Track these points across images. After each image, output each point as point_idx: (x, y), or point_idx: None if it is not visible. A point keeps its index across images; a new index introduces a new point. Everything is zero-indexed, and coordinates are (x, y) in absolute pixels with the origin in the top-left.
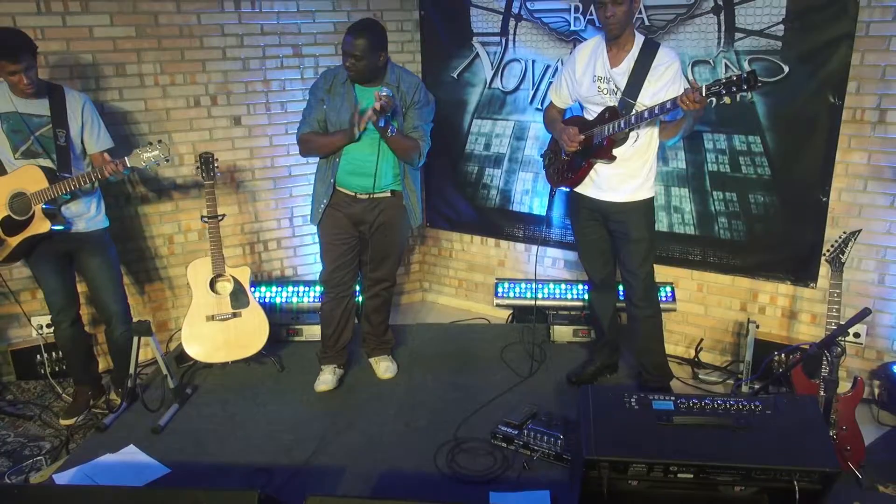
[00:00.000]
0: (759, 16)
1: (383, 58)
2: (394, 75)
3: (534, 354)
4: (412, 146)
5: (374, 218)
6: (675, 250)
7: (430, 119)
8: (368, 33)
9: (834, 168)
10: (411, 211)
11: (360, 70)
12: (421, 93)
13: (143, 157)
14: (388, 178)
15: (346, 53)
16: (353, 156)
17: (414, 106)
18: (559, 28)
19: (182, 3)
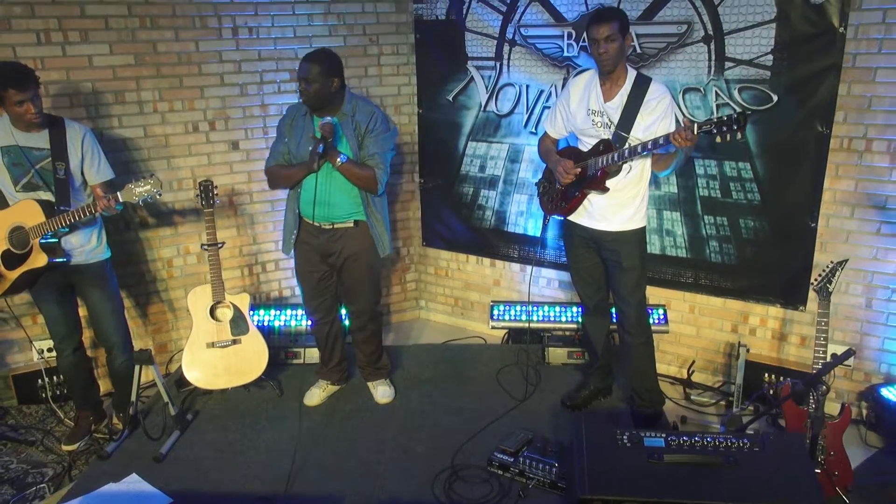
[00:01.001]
0: (748, 46)
1: (336, 84)
2: (350, 104)
3: (528, 377)
4: (367, 175)
5: (340, 249)
6: (667, 272)
7: (388, 147)
8: (320, 59)
9: (822, 195)
10: (378, 240)
11: (312, 95)
12: (377, 121)
13: (136, 191)
14: (349, 208)
15: (299, 78)
16: (311, 186)
17: (369, 134)
18: (553, 54)
19: (180, 31)
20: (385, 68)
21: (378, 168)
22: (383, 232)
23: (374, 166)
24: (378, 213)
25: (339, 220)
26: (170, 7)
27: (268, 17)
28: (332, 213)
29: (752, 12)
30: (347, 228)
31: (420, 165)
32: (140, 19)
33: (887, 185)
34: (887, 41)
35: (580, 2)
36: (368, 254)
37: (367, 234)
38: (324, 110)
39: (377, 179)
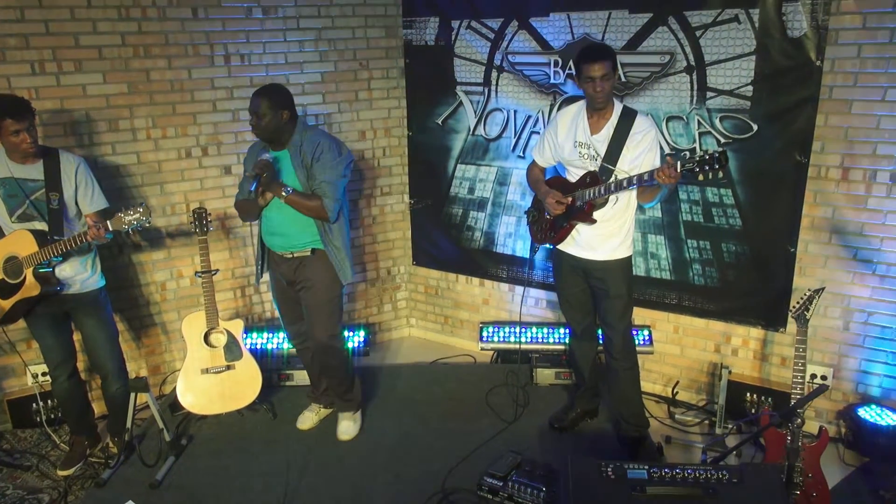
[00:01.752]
0: (729, 77)
1: (286, 116)
2: (299, 135)
3: (517, 399)
4: (314, 205)
5: (301, 277)
6: (652, 294)
7: (337, 174)
8: (269, 93)
9: (801, 221)
10: (339, 267)
11: (262, 128)
12: (322, 150)
13: (125, 220)
14: (305, 237)
15: (250, 112)
16: (268, 216)
17: (315, 163)
18: (539, 81)
19: (173, 60)
20: (375, 92)
21: (325, 197)
22: (343, 259)
23: (322, 195)
24: (336, 240)
25: (296, 249)
26: (162, 36)
27: (259, 45)
28: (289, 242)
29: (732, 44)
30: (306, 257)
31: (410, 186)
32: (133, 48)
33: (863, 213)
34: (862, 75)
35: (566, 31)
36: (326, 282)
37: (325, 262)
38: (276, 143)
39: (325, 208)
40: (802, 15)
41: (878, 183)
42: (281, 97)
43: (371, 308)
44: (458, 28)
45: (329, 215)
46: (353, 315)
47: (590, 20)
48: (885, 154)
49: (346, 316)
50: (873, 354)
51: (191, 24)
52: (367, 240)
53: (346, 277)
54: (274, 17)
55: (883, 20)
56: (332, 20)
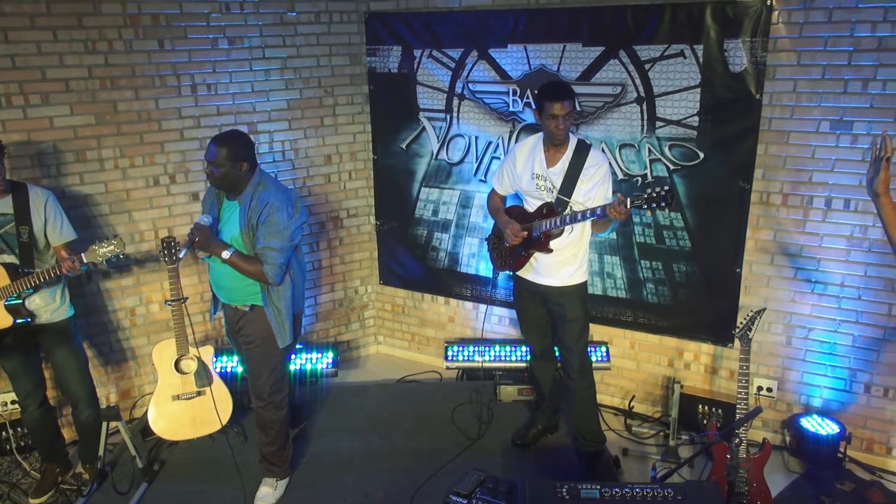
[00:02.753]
0: (676, 108)
1: (245, 167)
2: (251, 189)
3: (481, 416)
4: (254, 270)
5: (239, 329)
6: (609, 312)
7: (284, 240)
8: (228, 142)
9: (745, 243)
10: (277, 329)
11: (219, 178)
12: (270, 212)
13: (100, 252)
14: (245, 293)
15: (206, 161)
16: (212, 267)
17: (261, 226)
18: (499, 108)
19: (140, 91)
20: (340, 118)
21: (267, 263)
22: (283, 321)
23: (264, 261)
24: (278, 301)
25: (237, 303)
26: (129, 68)
27: (226, 74)
28: (230, 296)
29: (679, 78)
30: (246, 311)
31: (376, 208)
32: (101, 80)
33: (801, 236)
34: (798, 108)
35: (523, 62)
36: (264, 340)
37: (264, 320)
38: (232, 192)
39: (266, 274)
40: (742, 52)
41: (814, 208)
42: (241, 147)
43: (339, 327)
44: (420, 57)
45: (270, 281)
46: (322, 335)
47: (546, 52)
48: (820, 181)
49: (315, 335)
50: (814, 367)
51: (157, 56)
52: (334, 261)
53: (283, 340)
54: (240, 47)
55: (815, 58)
56: (297, 49)
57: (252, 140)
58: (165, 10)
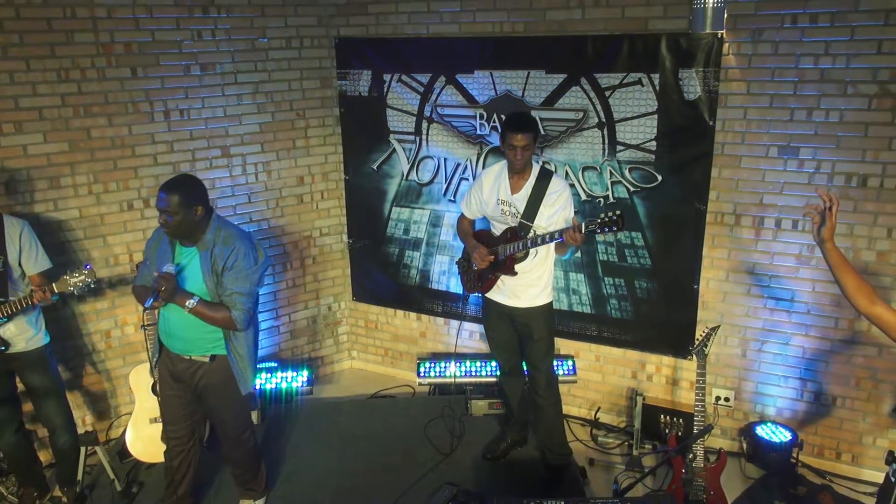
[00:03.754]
0: (635, 133)
1: (200, 212)
2: (212, 234)
3: (453, 430)
4: (221, 317)
5: (196, 381)
6: (575, 326)
7: (252, 284)
8: (180, 188)
9: (702, 261)
10: (240, 376)
11: (174, 227)
12: (237, 257)
13: (71, 282)
14: (206, 343)
15: (159, 210)
16: (166, 316)
17: (227, 271)
18: (467, 131)
19: (113, 117)
20: (312, 139)
21: (235, 308)
22: (245, 368)
23: (231, 306)
24: (241, 347)
25: (195, 354)
26: (102, 96)
27: (198, 100)
28: (188, 347)
29: (637, 104)
30: (204, 363)
31: (348, 227)
32: (74, 108)
33: (754, 254)
34: (748, 134)
35: (490, 87)
36: (226, 389)
37: (226, 368)
38: (189, 239)
39: (234, 320)
40: (696, 81)
41: (765, 228)
42: (194, 192)
43: (314, 343)
44: (389, 81)
45: (238, 327)
46: (296, 351)
47: (511, 78)
48: (770, 203)
49: (290, 352)
50: (768, 378)
51: (130, 83)
52: (307, 278)
53: (246, 387)
54: (212, 73)
55: (764, 87)
56: (269, 74)
57: (203, 183)
58: (138, 39)
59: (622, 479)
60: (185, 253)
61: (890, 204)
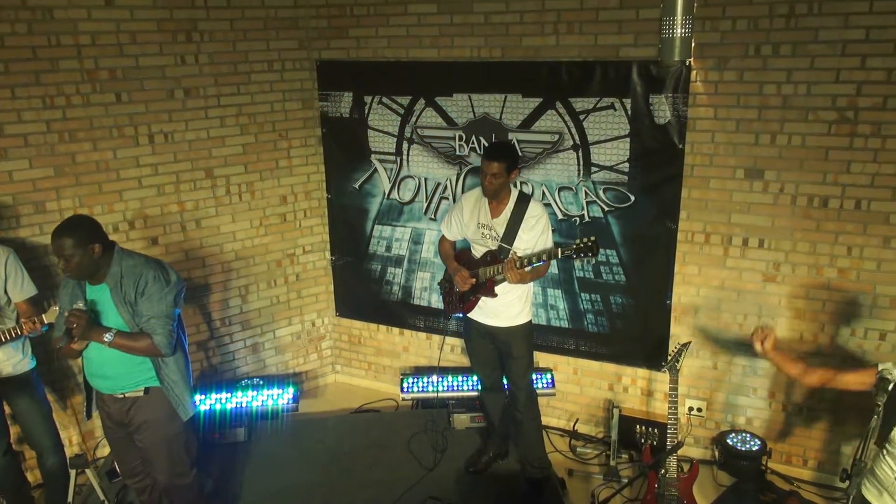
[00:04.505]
0: (609, 155)
1: (98, 250)
2: (117, 267)
3: (436, 445)
4: (143, 346)
5: (131, 419)
6: (553, 340)
7: (168, 306)
8: (71, 231)
9: (674, 277)
10: (177, 402)
11: (75, 269)
12: (146, 282)
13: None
14: (135, 377)
15: (55, 255)
16: (89, 358)
17: (140, 298)
18: (446, 152)
19: (98, 142)
20: (295, 159)
21: (156, 334)
22: (182, 393)
23: (151, 332)
24: (173, 373)
25: (127, 390)
26: (87, 121)
27: (182, 122)
28: (118, 384)
29: (610, 128)
30: (138, 397)
31: (331, 244)
32: (59, 134)
33: (723, 271)
34: (716, 157)
35: (468, 110)
36: (164, 422)
37: (162, 399)
38: (94, 278)
39: (158, 346)
40: (666, 106)
41: (733, 246)
42: (86, 231)
43: (298, 359)
44: (370, 102)
45: (164, 351)
46: (281, 367)
47: (488, 101)
48: (738, 222)
49: (274, 368)
50: (738, 389)
51: (114, 108)
52: (291, 295)
53: (185, 413)
54: (195, 96)
55: (730, 113)
56: (252, 96)
57: (95, 220)
58: (122, 65)
59: (599, 492)
60: (94, 291)
61: (850, 224)
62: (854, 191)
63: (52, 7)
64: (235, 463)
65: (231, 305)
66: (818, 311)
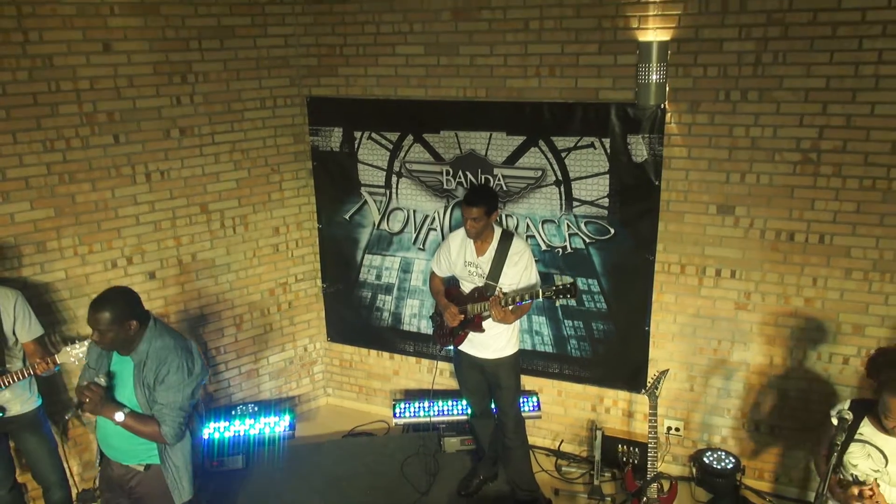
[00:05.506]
0: (590, 190)
1: (134, 326)
2: (146, 345)
3: (429, 468)
4: (150, 432)
5: (130, 488)
6: (538, 365)
7: (183, 398)
8: (110, 306)
9: (652, 305)
10: (174, 486)
11: (108, 343)
12: (168, 370)
13: (72, 353)
14: (139, 453)
15: (90, 326)
16: (101, 422)
17: (158, 384)
18: (434, 186)
19: (97, 182)
20: (287, 192)
21: (164, 424)
22: (181, 477)
23: (161, 420)
24: (176, 458)
25: (130, 462)
26: (86, 162)
27: (178, 160)
28: (122, 455)
29: (590, 165)
30: (139, 471)
31: (322, 272)
32: (59, 176)
33: (697, 299)
34: (690, 193)
35: (455, 146)
36: (160, 499)
37: (160, 478)
38: (125, 351)
39: (163, 435)
40: (643, 145)
41: (707, 276)
42: (125, 307)
43: (291, 383)
44: (360, 138)
45: (168, 441)
46: (275, 392)
47: (475, 138)
48: (711, 254)
49: (268, 393)
50: (714, 410)
51: (113, 149)
52: (284, 322)
53: (181, 497)
54: (190, 135)
55: (702, 153)
56: (245, 133)
57: (134, 292)
58: (120, 108)
59: None
60: (120, 361)
61: (814, 256)
62: (818, 226)
63: (52, 54)
64: (234, 490)
65: (226, 335)
66: (787, 337)
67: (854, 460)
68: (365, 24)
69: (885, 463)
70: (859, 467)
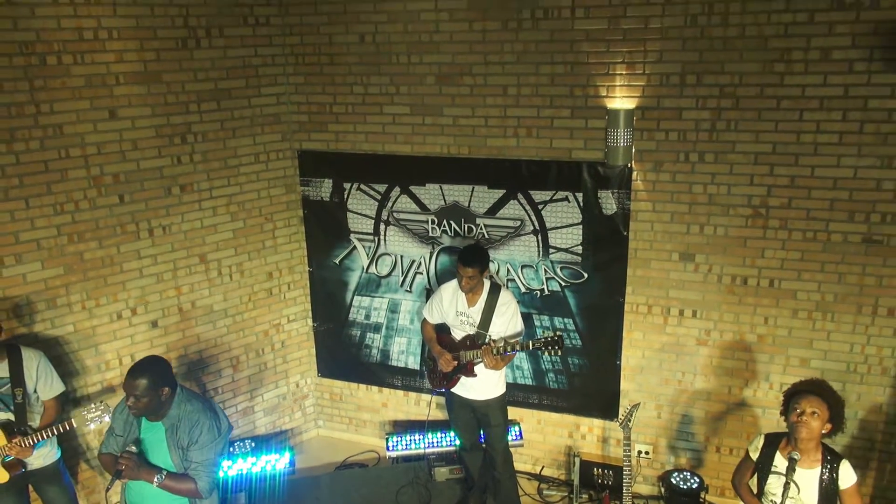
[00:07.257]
0: (564, 239)
1: (167, 392)
2: (177, 409)
3: (421, 497)
4: (187, 489)
5: None
6: (519, 396)
7: (216, 454)
8: (147, 373)
9: (623, 342)
10: None
11: (142, 409)
12: (201, 431)
13: (87, 417)
14: None
15: (126, 391)
16: (136, 487)
17: (193, 445)
18: (420, 234)
19: (103, 240)
20: (279, 239)
21: (200, 479)
22: None
23: (197, 478)
24: None
25: None
26: (94, 222)
27: (178, 215)
28: None
29: (565, 216)
30: None
31: (313, 312)
32: (68, 236)
33: (663, 336)
34: (655, 242)
35: (440, 197)
36: None
37: None
38: (154, 416)
39: (199, 491)
40: (612, 200)
41: (671, 316)
42: (159, 374)
43: (284, 417)
44: (349, 188)
45: (203, 496)
46: (269, 427)
47: (458, 191)
48: (675, 297)
49: (263, 429)
50: (679, 435)
51: (118, 209)
52: (277, 360)
53: None
54: (190, 191)
55: (665, 207)
56: (240, 186)
57: (166, 361)
58: (125, 169)
59: None
60: (150, 427)
61: (765, 298)
62: (768, 272)
63: (62, 124)
64: None
65: (223, 376)
66: (742, 369)
67: (773, 489)
68: (353, 85)
69: (798, 491)
70: (778, 496)
